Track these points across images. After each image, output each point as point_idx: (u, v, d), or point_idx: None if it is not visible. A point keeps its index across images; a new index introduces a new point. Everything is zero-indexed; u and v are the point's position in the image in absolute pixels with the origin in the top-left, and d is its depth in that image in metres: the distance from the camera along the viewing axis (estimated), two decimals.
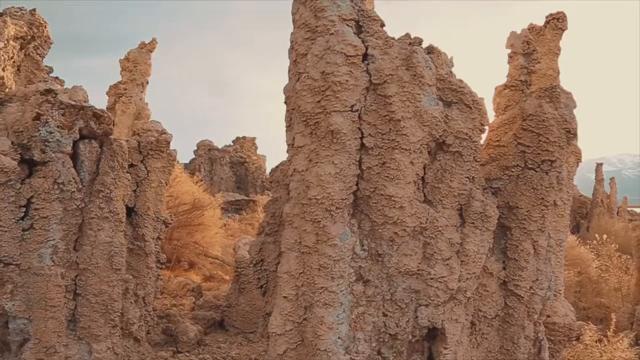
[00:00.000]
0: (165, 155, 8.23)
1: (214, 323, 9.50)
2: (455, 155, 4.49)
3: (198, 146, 25.35)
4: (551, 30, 7.28)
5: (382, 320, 4.46)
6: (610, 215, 24.60)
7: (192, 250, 13.91)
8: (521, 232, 4.80)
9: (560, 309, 6.73)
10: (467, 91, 4.50)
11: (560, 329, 6.56)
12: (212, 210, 14.69)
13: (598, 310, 13.48)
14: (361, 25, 4.51)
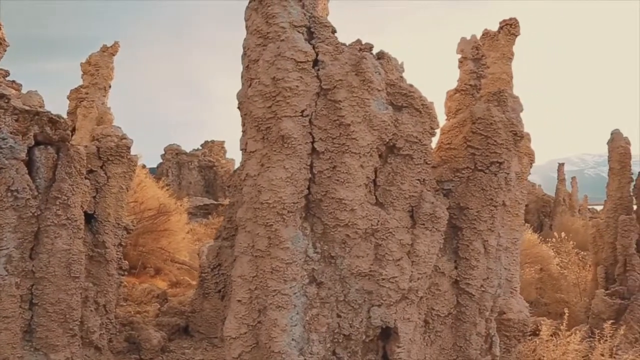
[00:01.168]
0: (125, 160, 8.14)
1: (179, 329, 9.42)
2: (406, 159, 4.60)
3: (165, 150, 25.07)
4: (505, 35, 7.52)
5: (336, 321, 4.54)
6: (572, 213, 25.38)
7: (159, 256, 13.75)
8: (472, 232, 4.94)
9: (515, 305, 6.94)
10: (417, 96, 4.61)
11: (515, 325, 6.77)
12: (179, 216, 14.56)
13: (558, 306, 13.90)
14: (313, 32, 4.58)
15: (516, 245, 7.37)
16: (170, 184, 22.11)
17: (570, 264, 13.69)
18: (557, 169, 26.62)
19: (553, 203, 26.22)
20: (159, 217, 13.43)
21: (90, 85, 12.22)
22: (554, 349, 7.86)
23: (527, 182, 7.30)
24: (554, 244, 15.05)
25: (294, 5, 4.47)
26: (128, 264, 9.49)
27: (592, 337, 8.75)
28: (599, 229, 12.48)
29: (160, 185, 15.69)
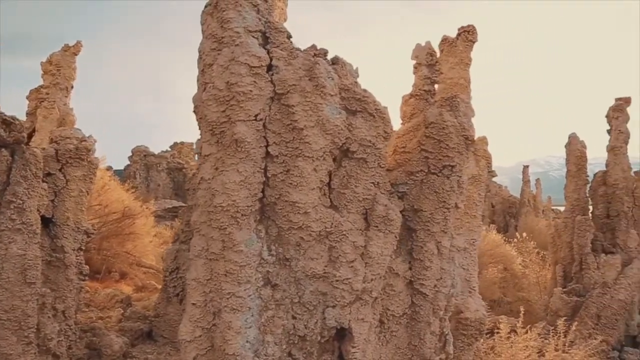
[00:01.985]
0: (86, 163, 8.02)
1: (142, 334, 9.32)
2: (360, 162, 4.69)
3: (133, 152, 24.68)
4: (462, 42, 7.70)
5: (291, 323, 4.59)
6: (536, 214, 26.05)
7: (124, 260, 13.56)
8: (425, 233, 5.06)
9: (472, 304, 7.11)
10: (370, 100, 4.71)
11: (471, 324, 6.94)
12: (145, 219, 14.38)
13: (520, 304, 14.26)
14: (268, 37, 4.63)
15: (474, 245, 7.55)
16: (137, 187, 21.79)
17: (531, 264, 14.07)
18: (522, 171, 27.31)
19: (518, 204, 26.87)
20: (124, 220, 13.25)
21: (51, 86, 11.95)
22: (511, 345, 8.09)
23: (484, 184, 7.48)
24: (516, 244, 15.45)
25: (248, 11, 4.51)
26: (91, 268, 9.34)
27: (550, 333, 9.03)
28: (557, 229, 12.88)
29: (126, 187, 15.46)
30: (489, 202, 27.15)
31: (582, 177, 12.61)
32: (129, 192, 15.25)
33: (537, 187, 28.30)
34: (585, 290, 11.54)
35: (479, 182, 7.41)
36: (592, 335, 10.40)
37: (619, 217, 11.94)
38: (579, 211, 12.35)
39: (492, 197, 27.40)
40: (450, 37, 7.78)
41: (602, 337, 10.53)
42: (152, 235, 14.91)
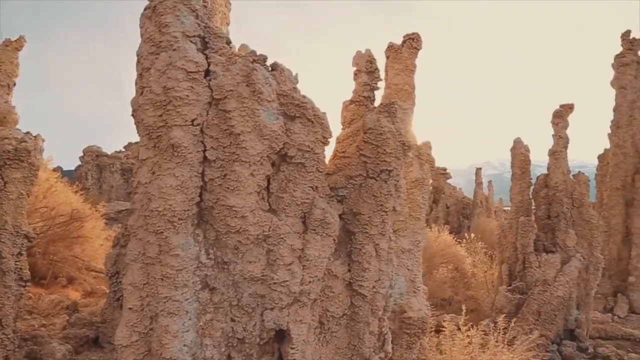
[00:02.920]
0: (26, 165, 7.81)
1: (88, 341, 9.11)
2: (299, 167, 4.77)
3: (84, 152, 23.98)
4: (407, 49, 7.93)
5: (230, 326, 4.63)
6: (488, 215, 26.86)
7: (72, 265, 13.19)
8: (364, 236, 5.19)
9: (415, 304, 7.34)
10: (309, 106, 4.80)
11: (414, 323, 7.17)
12: (94, 221, 14.02)
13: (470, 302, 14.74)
14: (207, 42, 4.66)
15: (418, 247, 7.79)
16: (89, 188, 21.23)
17: (480, 263, 14.54)
18: (475, 173, 28.12)
19: (472, 205, 27.66)
20: (72, 223, 12.89)
21: None
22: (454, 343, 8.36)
23: (427, 187, 7.73)
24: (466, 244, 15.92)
25: (187, 16, 4.53)
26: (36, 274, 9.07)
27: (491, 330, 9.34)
28: (503, 229, 13.37)
29: (74, 189, 15.03)
30: (443, 204, 27.84)
31: (526, 179, 13.15)
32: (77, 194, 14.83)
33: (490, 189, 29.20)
34: (528, 288, 12.04)
35: (422, 186, 7.65)
36: (533, 330, 10.85)
37: (558, 218, 12.52)
38: (522, 212, 12.87)
39: (447, 198, 28.11)
40: (395, 44, 8.00)
41: (542, 332, 11.03)
42: (103, 238, 14.56)
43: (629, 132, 18.08)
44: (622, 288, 17.55)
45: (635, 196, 17.73)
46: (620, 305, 16.95)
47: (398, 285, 7.60)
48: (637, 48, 18.73)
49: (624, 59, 18.47)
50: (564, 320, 12.07)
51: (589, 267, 12.61)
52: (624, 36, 18.94)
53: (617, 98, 18.47)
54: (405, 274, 7.62)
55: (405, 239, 7.47)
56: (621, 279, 17.73)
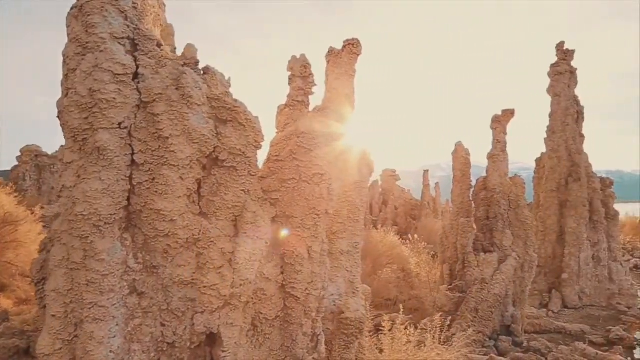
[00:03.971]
0: None
1: (18, 351, 8.72)
2: (230, 170, 4.80)
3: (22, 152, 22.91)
4: (347, 54, 8.07)
5: (159, 330, 4.60)
6: (435, 216, 27.56)
7: (5, 271, 12.60)
8: (296, 239, 5.27)
9: (352, 304, 7.47)
10: (241, 110, 4.84)
11: (352, 323, 7.29)
12: (30, 225, 13.44)
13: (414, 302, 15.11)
14: (137, 44, 4.61)
15: (357, 248, 7.93)
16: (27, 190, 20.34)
17: (423, 263, 14.93)
18: (423, 175, 28.86)
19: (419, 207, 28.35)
20: (4, 227, 12.31)
21: None
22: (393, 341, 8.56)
23: (366, 190, 7.89)
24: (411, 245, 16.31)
25: (115, 17, 4.47)
26: None
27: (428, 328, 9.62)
28: (445, 230, 13.81)
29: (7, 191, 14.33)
30: (392, 205, 28.42)
31: (466, 182, 13.63)
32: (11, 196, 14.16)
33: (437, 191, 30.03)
34: (467, 286, 12.48)
35: (361, 189, 7.80)
36: (471, 327, 11.26)
37: (496, 219, 13.05)
38: (463, 214, 13.34)
39: (396, 200, 28.70)
40: (336, 49, 8.13)
41: (480, 329, 11.47)
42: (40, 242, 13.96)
43: (562, 137, 19.06)
44: (556, 285, 18.45)
45: (569, 198, 18.70)
46: (554, 301, 17.82)
47: (337, 287, 7.74)
48: (571, 58, 19.78)
49: (558, 68, 19.46)
50: (500, 316, 12.57)
51: (524, 266, 13.19)
52: (558, 47, 19.96)
53: (552, 105, 19.44)
54: (345, 275, 7.76)
55: (344, 240, 7.59)
56: (555, 276, 18.64)
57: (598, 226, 18.88)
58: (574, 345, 12.51)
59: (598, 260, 18.69)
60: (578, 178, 18.71)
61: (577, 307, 17.89)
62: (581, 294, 18.18)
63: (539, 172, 19.96)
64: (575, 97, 19.72)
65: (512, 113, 14.38)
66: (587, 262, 18.37)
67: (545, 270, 18.93)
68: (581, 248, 18.29)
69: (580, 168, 18.85)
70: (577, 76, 19.88)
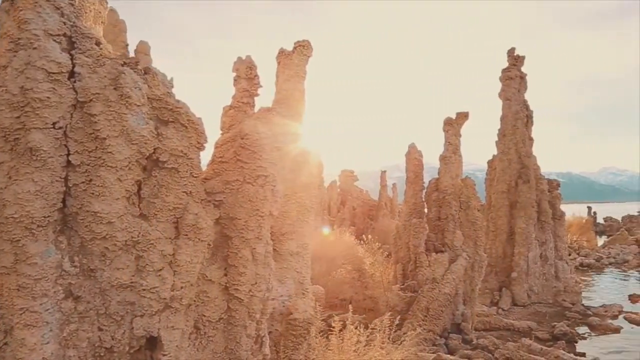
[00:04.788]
0: None
1: None
2: (172, 172, 4.75)
3: None
4: (298, 55, 8.11)
5: (97, 335, 4.50)
6: (392, 216, 27.98)
7: None
8: (240, 240, 5.27)
9: (301, 305, 7.52)
10: (183, 111, 4.79)
11: (300, 324, 7.34)
12: None
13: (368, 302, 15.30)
14: (74, 42, 4.50)
15: (306, 249, 7.99)
16: None
17: (377, 263, 15.13)
18: (380, 176, 29.26)
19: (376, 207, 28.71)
20: None
21: None
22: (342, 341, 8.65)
23: (315, 191, 7.95)
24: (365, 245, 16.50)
25: (50, 13, 4.35)
26: None
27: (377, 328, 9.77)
28: (398, 231, 14.05)
29: None
30: (350, 205, 28.68)
31: (419, 183, 13.92)
32: None
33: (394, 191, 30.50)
34: (419, 286, 12.75)
35: (310, 190, 7.86)
36: (422, 325, 11.52)
37: (447, 220, 13.39)
38: (415, 214, 13.62)
39: (354, 200, 28.98)
40: (286, 50, 8.16)
41: (430, 327, 11.73)
42: None
43: (513, 140, 19.73)
44: (506, 283, 19.07)
45: (518, 199, 19.37)
46: (504, 299, 18.41)
47: (286, 288, 7.77)
48: (521, 64, 20.50)
49: (509, 73, 20.13)
50: (451, 315, 12.90)
51: (474, 265, 13.59)
52: (509, 52, 20.64)
53: (503, 109, 20.10)
54: (294, 276, 7.80)
55: (293, 242, 7.63)
56: (506, 274, 19.26)
57: (545, 226, 19.63)
58: (521, 341, 12.97)
59: (545, 259, 19.44)
60: (527, 180, 19.39)
61: (526, 304, 18.55)
62: (529, 291, 18.86)
63: (490, 174, 20.57)
64: (525, 102, 20.44)
65: (466, 116, 14.78)
66: (535, 261, 19.07)
67: (496, 269, 19.53)
68: (530, 247, 18.97)
69: (529, 170, 19.55)
70: (526, 81, 20.61)
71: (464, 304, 13.48)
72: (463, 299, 13.31)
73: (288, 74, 8.04)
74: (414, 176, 13.91)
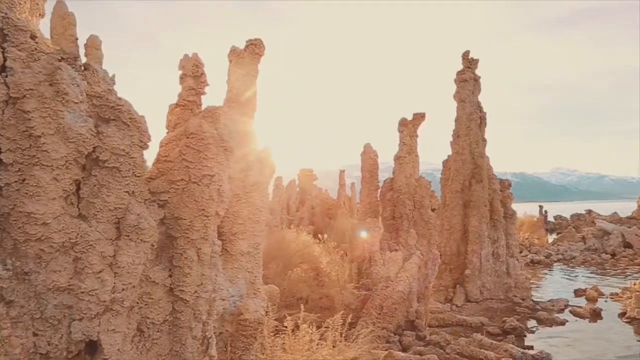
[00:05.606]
0: None
1: None
2: (113, 171, 4.63)
3: None
4: (249, 54, 8.06)
5: (32, 341, 4.34)
6: (351, 215, 28.20)
7: None
8: (185, 241, 5.18)
9: (251, 306, 7.48)
10: (125, 109, 4.68)
11: (250, 324, 7.30)
12: None
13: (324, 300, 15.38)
14: (6, 35, 4.32)
15: (258, 249, 7.94)
16: None
17: (333, 262, 15.23)
18: (339, 176, 29.45)
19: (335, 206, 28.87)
20: None
21: None
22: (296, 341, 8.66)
23: (266, 191, 7.92)
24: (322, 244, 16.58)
25: None
26: None
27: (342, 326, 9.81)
28: (353, 230, 14.17)
29: None
30: (309, 205, 28.72)
31: (374, 182, 14.08)
32: None
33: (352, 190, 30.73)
34: (374, 284, 12.89)
35: (261, 189, 7.82)
36: (375, 323, 11.65)
37: (402, 219, 13.59)
38: (370, 214, 13.77)
39: (313, 199, 29.03)
40: (238, 48, 8.09)
41: (384, 325, 11.89)
42: None
43: (466, 141, 20.23)
44: (460, 280, 19.54)
45: (472, 198, 19.88)
46: (458, 296, 18.86)
47: (237, 288, 7.70)
48: (475, 67, 21.04)
49: (463, 76, 20.63)
50: (405, 312, 13.11)
51: (428, 263, 13.84)
52: (464, 55, 21.15)
53: (458, 110, 20.59)
54: (245, 276, 7.74)
55: (244, 241, 7.57)
56: (460, 272, 19.74)
57: (497, 225, 20.22)
58: (473, 336, 13.32)
59: (497, 256, 20.02)
60: (480, 180, 19.92)
61: (479, 300, 19.07)
62: (482, 288, 19.38)
63: (445, 174, 21.02)
64: (478, 103, 20.99)
65: (422, 116, 15.04)
66: (488, 258, 19.62)
67: (451, 267, 19.99)
68: (482, 245, 19.49)
69: (482, 170, 20.09)
70: (480, 84, 21.17)
71: (418, 302, 13.72)
72: (417, 297, 13.54)
73: (240, 72, 7.97)
74: (369, 176, 14.06)
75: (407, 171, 13.99)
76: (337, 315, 8.96)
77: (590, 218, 51.51)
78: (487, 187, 19.99)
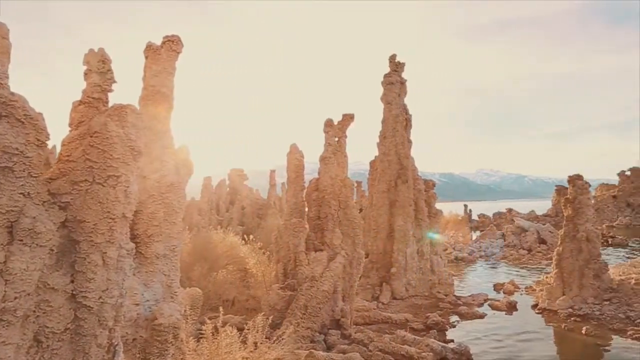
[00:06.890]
0: None
1: None
2: (5, 171, 4.33)
3: None
4: (166, 51, 7.83)
5: None
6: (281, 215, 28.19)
7: None
8: (89, 244, 4.94)
9: (166, 310, 7.27)
10: (19, 105, 4.39)
11: (165, 329, 7.09)
12: None
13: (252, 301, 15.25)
14: None
15: (175, 252, 7.73)
16: None
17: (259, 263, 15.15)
18: (269, 175, 29.34)
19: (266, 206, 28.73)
20: None
21: None
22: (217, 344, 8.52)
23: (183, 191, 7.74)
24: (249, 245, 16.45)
25: None
26: None
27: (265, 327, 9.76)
28: (279, 230, 14.16)
29: None
30: (239, 205, 28.39)
31: (300, 183, 14.14)
32: None
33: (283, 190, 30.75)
34: (299, 284, 12.95)
35: (178, 190, 7.63)
36: (300, 323, 11.70)
37: (327, 219, 13.75)
38: (296, 214, 13.81)
39: (243, 199, 28.72)
40: (155, 44, 7.85)
41: (308, 325, 11.96)
42: None
43: (393, 142, 20.82)
44: (386, 278, 20.06)
45: (397, 198, 20.47)
46: (384, 293, 19.35)
47: (153, 292, 7.46)
48: (401, 70, 21.68)
49: (390, 78, 21.20)
50: (330, 311, 13.27)
51: (353, 262, 14.10)
52: (391, 59, 21.75)
53: (384, 112, 21.14)
54: (161, 279, 7.52)
55: (160, 244, 7.36)
56: (386, 270, 20.27)
57: (422, 224, 20.96)
58: (396, 333, 13.71)
59: (422, 254, 20.75)
60: (406, 180, 20.56)
61: (404, 297, 19.67)
62: (407, 285, 20.01)
63: (372, 174, 21.51)
64: (404, 106, 21.65)
65: (351, 117, 15.28)
66: (413, 256, 20.29)
67: (377, 265, 20.47)
68: (407, 244, 20.13)
69: (407, 171, 20.74)
70: (406, 87, 21.84)
71: (343, 300, 13.93)
72: (342, 296, 13.75)
73: (156, 69, 7.75)
74: (295, 176, 14.10)
75: (332, 171, 14.16)
76: (259, 317, 8.91)
77: (510, 216, 54.67)
78: (412, 187, 20.65)
